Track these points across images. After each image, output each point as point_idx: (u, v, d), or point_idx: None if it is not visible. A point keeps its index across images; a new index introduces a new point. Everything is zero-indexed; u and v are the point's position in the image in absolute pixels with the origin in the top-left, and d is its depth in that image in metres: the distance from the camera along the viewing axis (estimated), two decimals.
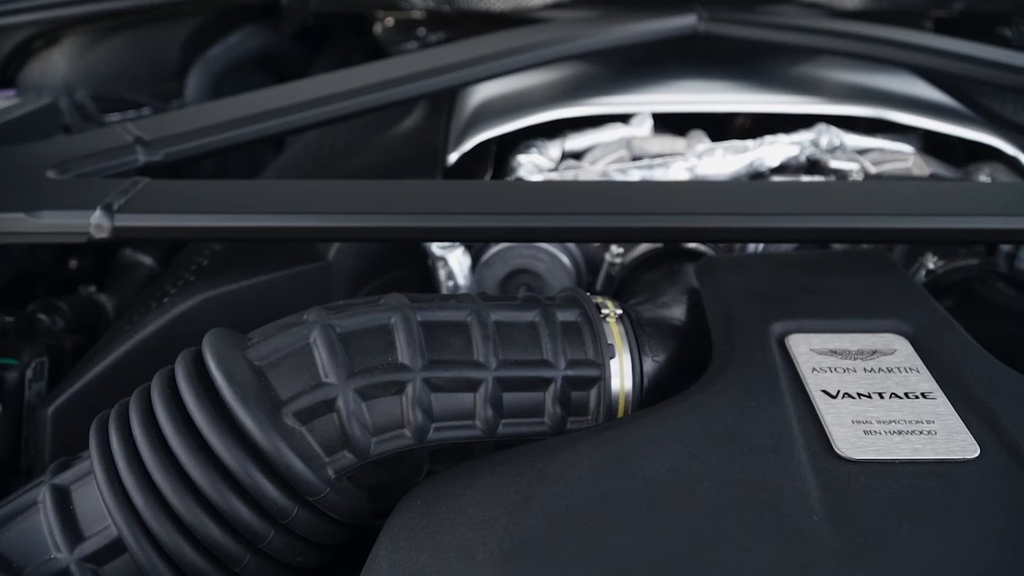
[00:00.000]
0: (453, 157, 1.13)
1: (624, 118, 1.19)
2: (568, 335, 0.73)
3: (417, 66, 1.24)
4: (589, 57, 1.37)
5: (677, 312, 0.82)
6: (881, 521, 0.57)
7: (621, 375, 0.73)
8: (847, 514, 0.57)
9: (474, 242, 1.02)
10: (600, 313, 0.75)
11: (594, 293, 1.02)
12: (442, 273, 1.01)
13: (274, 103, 1.13)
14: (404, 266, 1.06)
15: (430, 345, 0.69)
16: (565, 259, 1.03)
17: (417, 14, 1.68)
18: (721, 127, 1.32)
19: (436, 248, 1.01)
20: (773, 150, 1.08)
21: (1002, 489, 0.59)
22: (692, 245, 0.99)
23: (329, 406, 0.66)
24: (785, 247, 1.02)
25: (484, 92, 1.31)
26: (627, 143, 1.13)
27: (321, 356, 0.67)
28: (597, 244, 1.04)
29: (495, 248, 1.03)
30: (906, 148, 1.17)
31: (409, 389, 0.67)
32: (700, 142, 1.13)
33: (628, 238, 0.97)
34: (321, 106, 1.13)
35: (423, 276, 1.05)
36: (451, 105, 1.34)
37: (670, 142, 1.13)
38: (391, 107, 1.21)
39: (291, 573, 0.69)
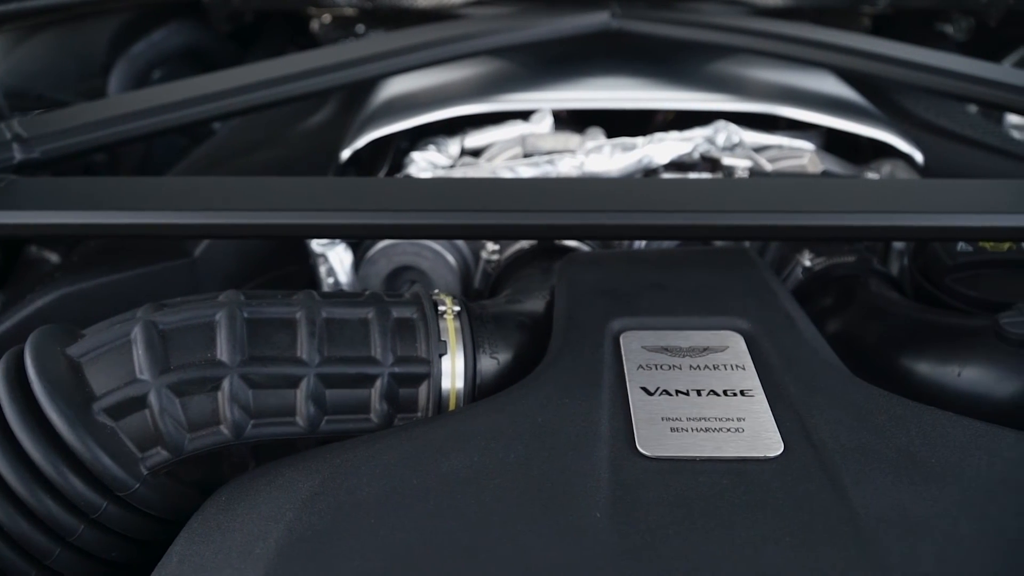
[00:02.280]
0: (345, 154, 1.13)
1: (525, 115, 1.19)
2: (401, 332, 0.73)
3: (324, 60, 1.24)
4: (504, 54, 1.37)
5: (531, 309, 0.82)
6: (666, 518, 0.56)
7: (452, 372, 0.73)
8: (632, 511, 0.57)
9: (351, 239, 1.02)
10: (437, 310, 0.75)
11: (474, 291, 1.03)
12: (322, 270, 1.01)
13: (169, 97, 1.13)
14: (295, 262, 1.06)
15: (253, 342, 0.69)
16: (449, 256, 1.02)
17: (350, 11, 1.68)
18: (645, 123, 1.31)
19: (316, 245, 1.01)
20: (662, 147, 1.08)
21: (797, 488, 0.59)
22: (569, 242, 0.98)
23: (141, 402, 0.66)
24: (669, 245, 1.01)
25: (391, 88, 1.31)
26: (522, 140, 1.12)
27: (138, 352, 0.67)
28: (482, 241, 1.04)
29: (379, 245, 1.02)
30: (806, 145, 1.16)
31: (225, 385, 0.67)
32: (594, 139, 1.12)
33: (504, 235, 0.97)
34: (219, 100, 1.14)
35: (312, 272, 1.05)
36: (359, 100, 1.34)
37: (564, 139, 1.12)
38: (294, 102, 1.21)
39: (112, 567, 0.69)
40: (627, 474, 0.60)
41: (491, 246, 1.00)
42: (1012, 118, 1.55)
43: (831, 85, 1.30)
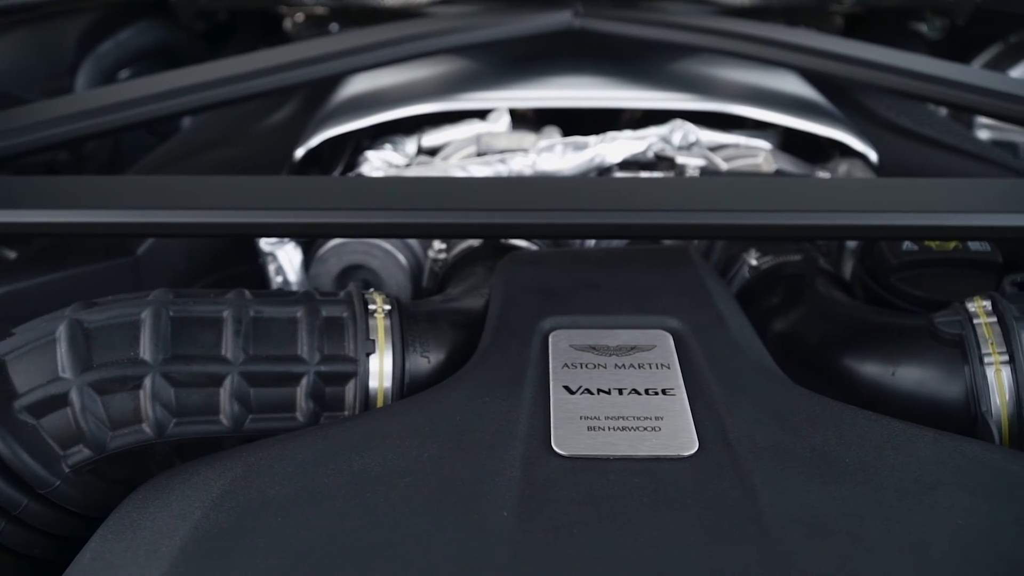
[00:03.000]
0: (299, 152, 1.13)
1: (485, 114, 1.19)
2: (330, 331, 0.73)
3: (286, 57, 1.24)
4: (468, 53, 1.36)
5: (467, 307, 0.82)
6: (572, 517, 0.56)
7: (380, 371, 0.73)
8: (539, 510, 0.57)
9: (298, 238, 1.02)
10: (367, 309, 0.75)
11: (424, 290, 1.03)
12: (271, 269, 1.01)
13: (128, 94, 1.13)
14: (246, 261, 1.06)
15: (178, 340, 0.69)
16: (400, 255, 1.02)
17: (321, 10, 1.68)
18: (612, 123, 1.31)
19: (264, 244, 1.01)
20: (615, 147, 1.08)
21: (706, 487, 0.59)
22: (518, 241, 0.98)
23: (63, 400, 0.66)
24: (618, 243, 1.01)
25: (351, 86, 1.31)
26: (477, 139, 1.12)
27: (61, 350, 0.67)
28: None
29: (329, 244, 1.03)
30: (763, 144, 1.16)
31: (147, 383, 0.67)
32: (550, 138, 1.12)
33: (450, 234, 0.97)
34: (179, 97, 1.14)
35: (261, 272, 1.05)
36: (322, 98, 1.34)
37: (518, 138, 1.12)
38: (256, 99, 1.21)
39: (36, 564, 0.69)
40: (539, 473, 0.60)
41: (438, 245, 1.00)
42: (982, 118, 1.55)
43: (792, 84, 1.30)
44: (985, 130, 1.61)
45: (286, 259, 1.01)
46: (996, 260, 0.93)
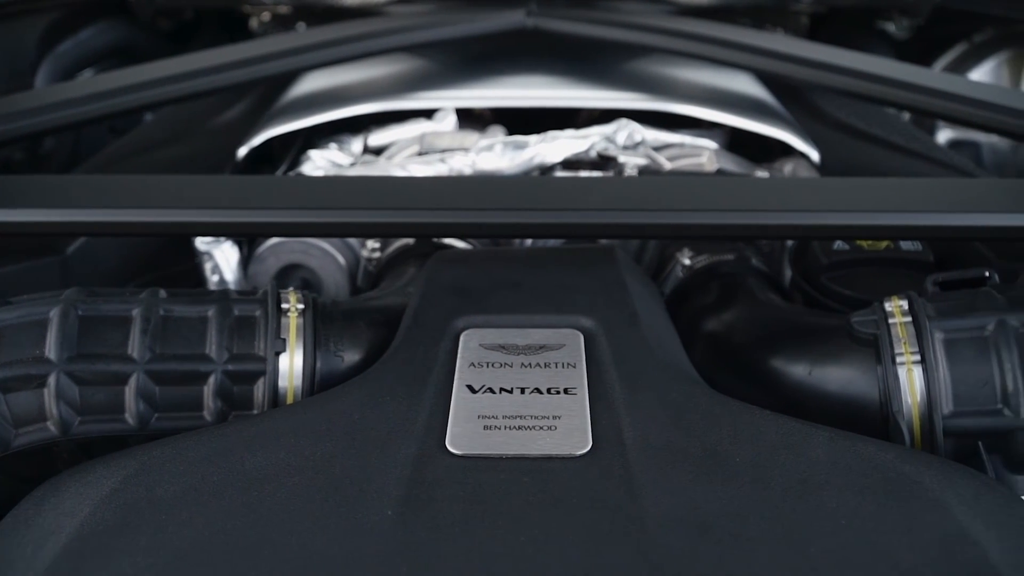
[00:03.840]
0: (242, 151, 1.13)
1: (432, 113, 1.19)
2: (241, 330, 0.73)
3: (239, 55, 1.24)
4: (421, 52, 1.37)
5: (388, 306, 0.82)
6: (455, 516, 0.56)
7: (291, 370, 0.73)
8: (423, 509, 0.57)
9: (232, 237, 1.02)
10: (280, 308, 0.75)
11: (359, 289, 1.03)
12: (207, 268, 1.01)
13: (78, 92, 1.13)
14: (184, 260, 1.06)
15: (85, 339, 0.70)
16: (339, 255, 1.02)
17: (284, 9, 1.69)
18: (570, 122, 1.31)
19: (200, 243, 1.01)
20: (555, 146, 1.08)
21: (593, 486, 0.59)
22: (450, 240, 0.98)
23: None
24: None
25: (301, 85, 1.31)
26: (420, 139, 1.12)
27: None
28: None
29: (267, 243, 1.03)
30: (709, 144, 1.16)
31: (51, 382, 0.68)
32: (492, 138, 1.12)
33: (384, 233, 0.97)
34: (129, 94, 1.14)
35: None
36: (273, 96, 1.34)
37: (461, 138, 1.12)
38: (204, 96, 1.21)
39: None
40: (428, 472, 0.60)
41: (371, 244, 1.00)
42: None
43: (743, 85, 1.30)
44: (948, 129, 1.61)
45: (223, 258, 1.01)
46: (927, 259, 0.93)
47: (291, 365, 0.73)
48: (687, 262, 0.96)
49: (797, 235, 0.93)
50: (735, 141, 1.22)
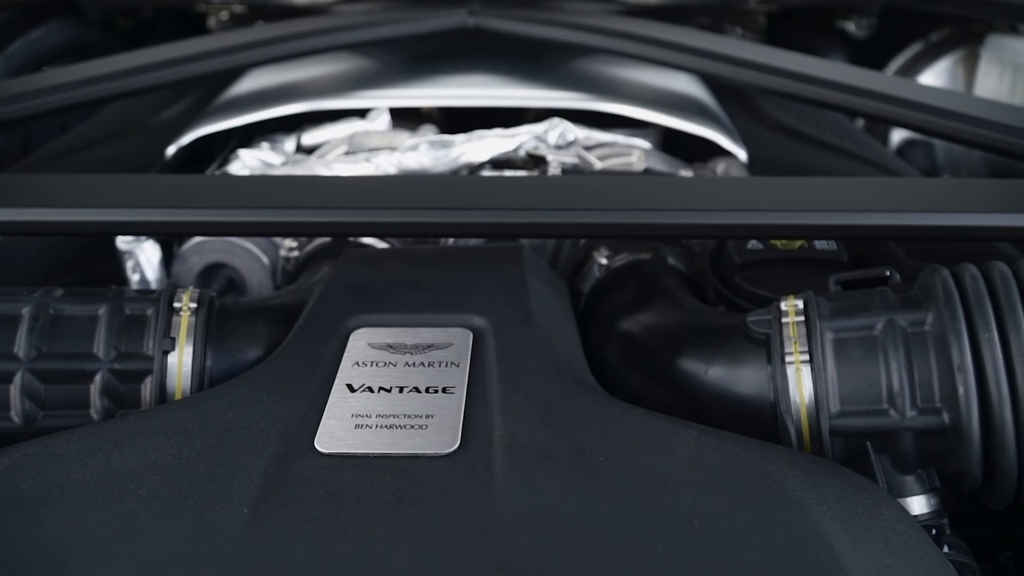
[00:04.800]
0: (170, 150, 1.14)
1: (366, 113, 1.19)
2: (131, 329, 0.74)
3: (179, 52, 1.25)
4: (366, 51, 1.37)
5: (289, 305, 0.82)
6: (311, 514, 0.56)
7: (179, 369, 0.73)
8: (281, 507, 0.57)
9: (152, 236, 1.02)
10: (172, 307, 0.75)
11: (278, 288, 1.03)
12: (128, 267, 1.02)
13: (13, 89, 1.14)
14: (107, 260, 1.06)
15: None
16: (262, 254, 1.03)
17: (239, 8, 1.69)
18: (517, 121, 1.31)
19: (121, 242, 1.01)
20: (482, 145, 1.08)
21: (454, 485, 0.59)
22: (366, 240, 0.98)
23: None
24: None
25: (241, 83, 1.31)
26: (350, 138, 1.13)
27: None
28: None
29: (191, 242, 1.03)
30: (642, 143, 1.16)
31: None
32: (423, 137, 1.12)
33: (301, 232, 0.97)
34: (66, 91, 1.15)
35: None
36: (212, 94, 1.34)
37: (390, 137, 1.12)
38: (143, 93, 1.22)
39: None
40: (291, 471, 0.60)
41: (288, 243, 1.00)
42: None
43: (682, 84, 1.30)
44: (902, 129, 1.60)
45: (144, 258, 1.01)
46: (841, 259, 0.93)
47: (180, 364, 0.74)
48: (604, 261, 0.96)
49: (708, 234, 0.93)
50: (675, 141, 1.22)
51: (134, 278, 1.02)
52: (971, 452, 0.67)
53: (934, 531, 0.70)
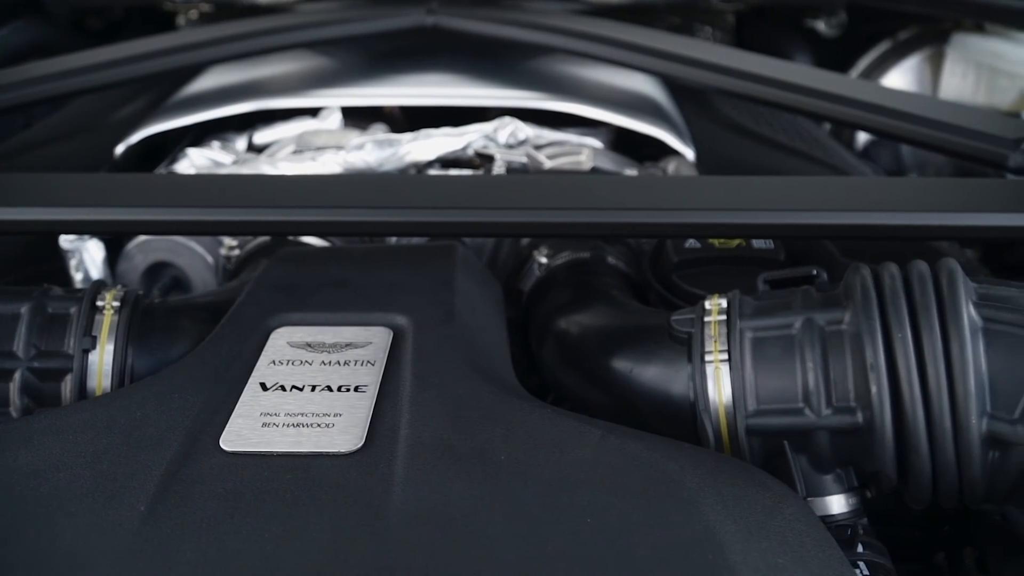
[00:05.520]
0: (119, 149, 1.14)
1: (317, 112, 1.19)
2: (52, 327, 0.74)
3: (134, 50, 1.25)
4: (324, 51, 1.37)
5: (217, 304, 0.82)
6: (207, 512, 0.56)
7: (100, 367, 0.74)
8: (178, 505, 0.57)
9: (94, 235, 1.02)
10: (95, 305, 0.75)
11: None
12: (72, 265, 1.02)
13: None
14: (53, 259, 1.06)
15: None
16: (206, 253, 1.02)
17: (205, 7, 1.69)
18: (479, 120, 1.31)
19: (64, 241, 1.01)
20: (428, 144, 1.08)
21: (352, 484, 0.59)
22: (305, 239, 0.98)
23: None
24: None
25: (198, 81, 1.31)
26: (298, 137, 1.13)
27: None
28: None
29: (135, 241, 1.03)
30: (594, 142, 1.16)
31: None
32: (371, 136, 1.12)
33: (243, 231, 0.97)
34: (15, 90, 1.16)
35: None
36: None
37: (339, 136, 1.12)
38: (99, 91, 1.22)
39: None
40: (193, 469, 0.60)
41: (229, 242, 1.00)
42: None
43: (638, 84, 1.30)
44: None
45: (88, 256, 1.01)
46: (778, 258, 0.93)
47: (100, 363, 0.74)
48: (544, 260, 0.96)
49: (644, 233, 0.93)
50: (631, 140, 1.22)
51: (77, 277, 1.02)
52: (885, 451, 0.67)
53: (850, 530, 0.70)
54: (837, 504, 0.71)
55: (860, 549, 0.69)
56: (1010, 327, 0.66)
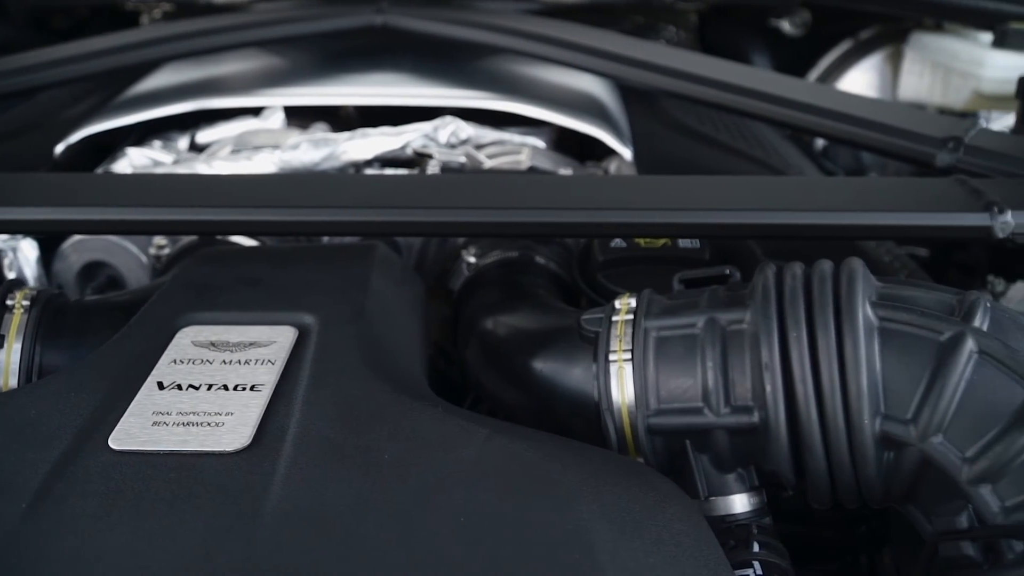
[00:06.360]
0: (59, 148, 1.14)
1: (259, 111, 1.19)
2: None
3: (84, 49, 1.26)
4: (275, 50, 1.37)
5: (134, 303, 0.82)
6: (85, 510, 0.57)
7: (7, 367, 0.74)
8: (58, 504, 0.57)
9: (28, 235, 1.02)
10: (6, 304, 0.76)
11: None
12: (5, 264, 1.02)
13: None
14: None
15: None
16: (140, 253, 1.03)
17: (166, 6, 1.69)
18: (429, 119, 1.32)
19: None
20: (364, 143, 1.08)
21: (234, 481, 0.59)
22: (236, 238, 0.98)
23: None
24: None
25: (146, 80, 1.32)
26: (238, 137, 1.13)
27: None
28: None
29: (70, 240, 1.03)
30: (536, 142, 1.16)
31: None
32: (311, 135, 1.13)
33: (173, 230, 0.97)
34: None
35: None
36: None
37: (278, 135, 1.13)
38: (41, 90, 1.23)
39: None
40: (79, 467, 0.60)
41: (158, 241, 1.00)
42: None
43: (584, 84, 1.30)
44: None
45: (22, 256, 1.01)
46: (703, 257, 0.93)
47: (7, 361, 0.74)
48: (472, 260, 0.96)
49: (569, 232, 0.93)
50: (575, 140, 1.22)
51: (11, 276, 1.03)
52: (780, 451, 0.67)
53: (748, 530, 0.70)
54: (739, 503, 0.71)
55: (756, 548, 0.69)
56: (906, 326, 0.66)
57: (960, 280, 1.16)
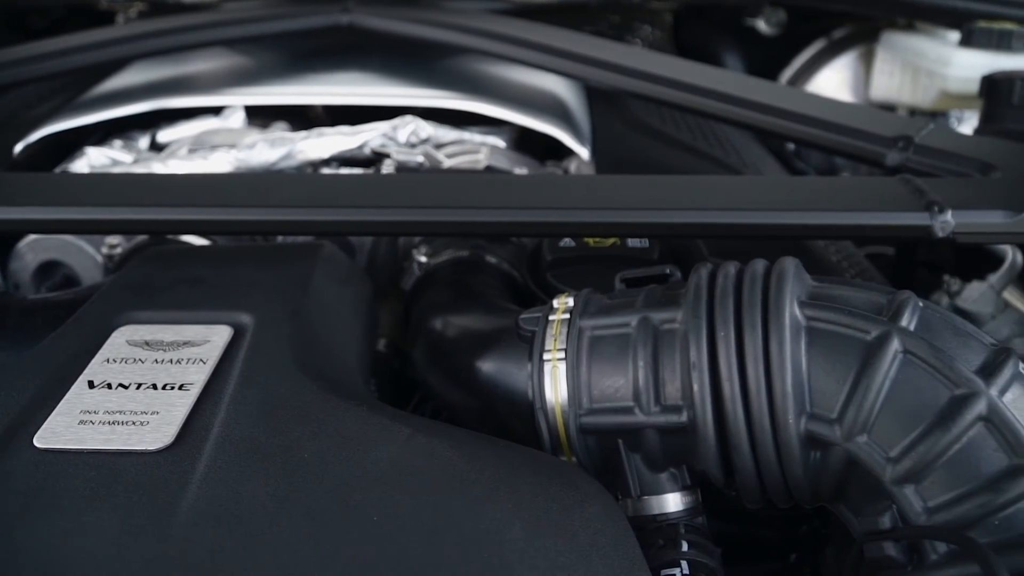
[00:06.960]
0: (18, 147, 1.14)
1: (220, 110, 1.20)
2: None
3: (54, 47, 1.26)
4: (242, 50, 1.37)
5: (77, 302, 0.82)
6: (7, 508, 0.57)
7: None
8: None
9: None
10: None
11: None
12: None
13: None
14: None
15: None
16: (94, 252, 1.03)
17: (140, 6, 1.69)
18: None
19: None
20: (321, 142, 1.08)
21: (152, 480, 0.59)
22: (187, 237, 0.98)
23: None
24: None
25: (111, 80, 1.32)
26: (196, 137, 1.13)
27: None
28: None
29: (26, 239, 1.03)
30: (497, 141, 1.16)
31: None
32: (270, 134, 1.13)
33: (124, 230, 0.97)
34: None
35: None
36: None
37: (235, 135, 1.13)
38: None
39: None
40: (1, 467, 0.60)
41: (110, 240, 1.00)
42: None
43: (549, 83, 1.30)
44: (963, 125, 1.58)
45: None
46: (651, 257, 0.93)
47: None
48: (423, 259, 0.96)
49: (518, 232, 0.93)
50: (536, 140, 1.22)
51: None
52: (708, 450, 0.67)
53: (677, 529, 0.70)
54: (672, 502, 0.71)
55: (685, 548, 0.69)
56: (833, 326, 0.66)
57: (928, 279, 1.16)
